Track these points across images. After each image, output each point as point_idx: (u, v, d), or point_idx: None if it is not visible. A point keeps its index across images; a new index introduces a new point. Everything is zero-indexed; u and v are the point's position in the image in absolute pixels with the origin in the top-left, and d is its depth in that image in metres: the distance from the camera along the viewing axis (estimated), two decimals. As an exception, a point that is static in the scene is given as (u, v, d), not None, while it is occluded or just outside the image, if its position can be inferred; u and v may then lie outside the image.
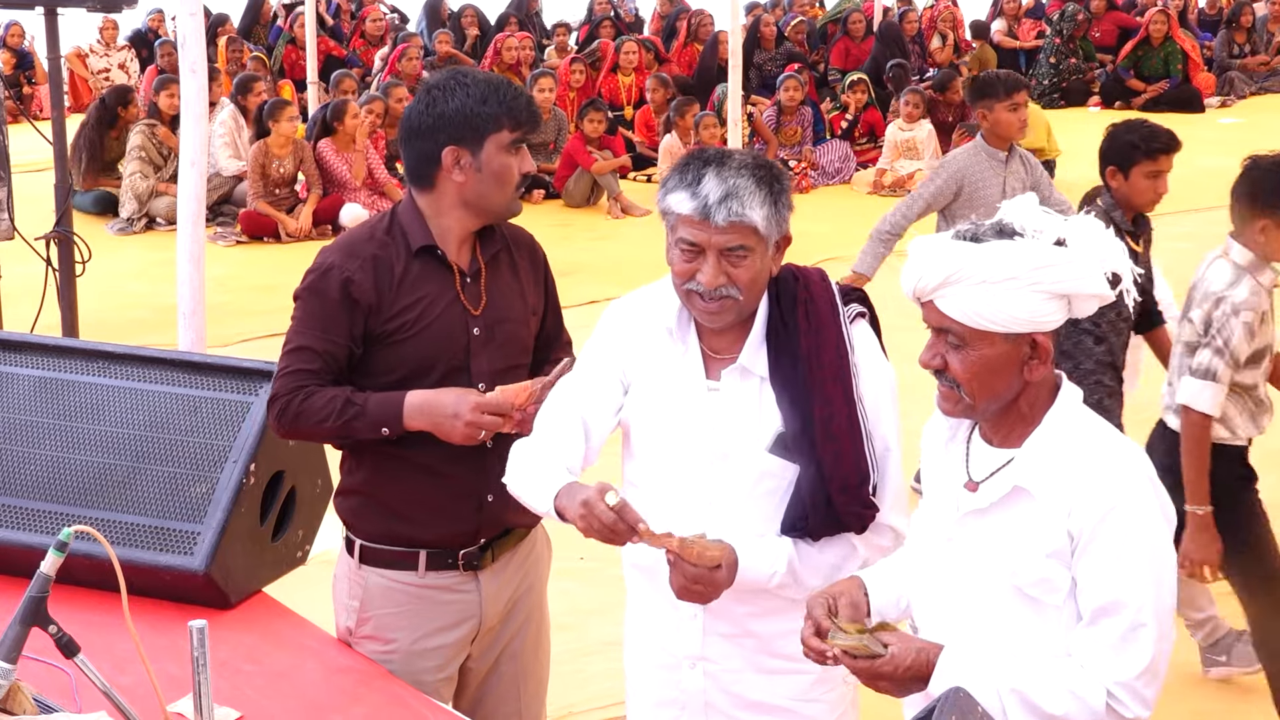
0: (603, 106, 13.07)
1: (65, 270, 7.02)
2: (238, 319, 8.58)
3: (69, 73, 16.49)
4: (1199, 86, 17.12)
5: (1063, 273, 2.39)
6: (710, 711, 2.95)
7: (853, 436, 2.78)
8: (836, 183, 13.55)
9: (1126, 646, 2.38)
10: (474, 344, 3.18)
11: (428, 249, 3.17)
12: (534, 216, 11.94)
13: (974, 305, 2.39)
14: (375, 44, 17.28)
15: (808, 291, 2.87)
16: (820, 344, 2.81)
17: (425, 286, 3.17)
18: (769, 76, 15.61)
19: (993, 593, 2.48)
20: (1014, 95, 6.02)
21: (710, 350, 2.89)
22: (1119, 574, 2.38)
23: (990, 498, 2.47)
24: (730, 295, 2.76)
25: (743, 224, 2.72)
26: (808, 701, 2.94)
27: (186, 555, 3.29)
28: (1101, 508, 2.38)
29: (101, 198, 11.98)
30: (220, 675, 2.91)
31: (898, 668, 2.42)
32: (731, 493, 2.83)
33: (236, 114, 12.33)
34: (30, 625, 2.54)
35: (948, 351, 2.45)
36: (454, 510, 3.22)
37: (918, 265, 2.45)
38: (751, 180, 2.73)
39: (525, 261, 3.33)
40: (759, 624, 2.89)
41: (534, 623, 3.44)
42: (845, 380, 2.80)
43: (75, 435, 3.46)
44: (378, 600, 3.29)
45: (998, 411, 2.49)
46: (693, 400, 2.86)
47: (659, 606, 2.92)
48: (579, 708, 4.62)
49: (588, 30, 18.18)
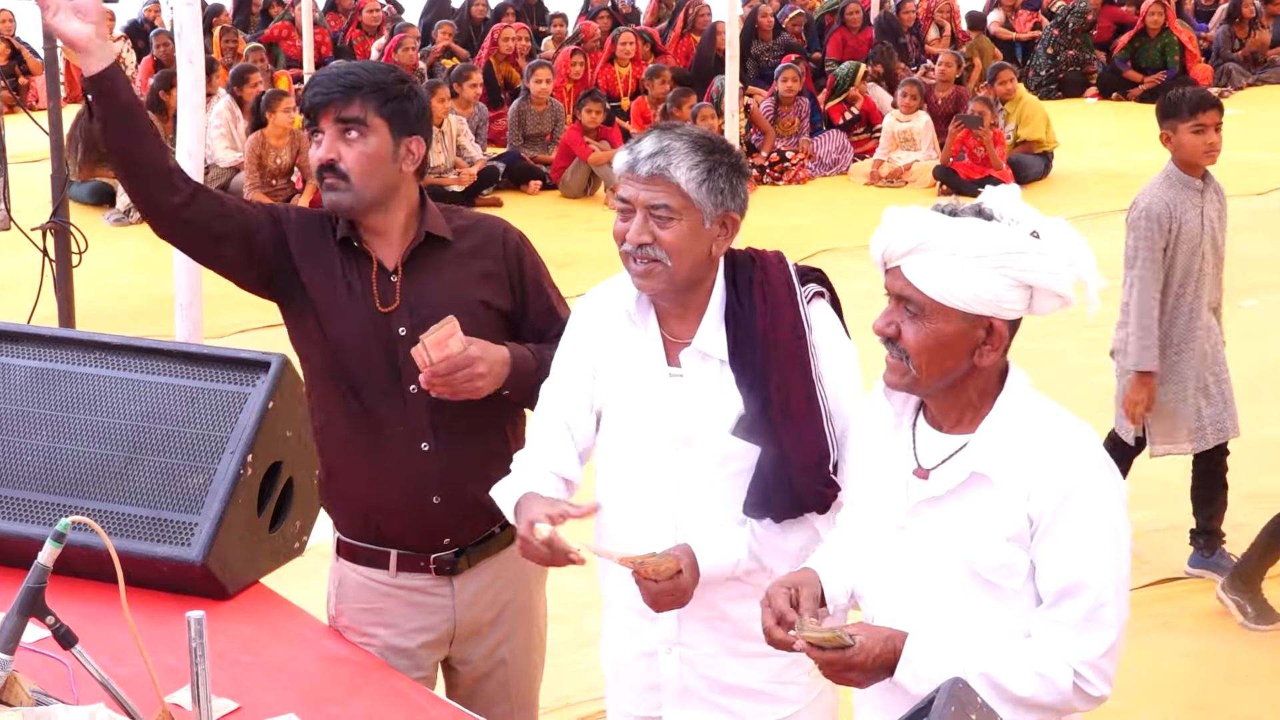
0: (600, 97, 13.06)
1: (62, 261, 7.00)
2: (234, 310, 8.51)
3: (64, 63, 16.45)
4: (1196, 77, 17.09)
5: (1032, 263, 2.39)
6: (687, 696, 2.96)
7: (811, 415, 2.79)
8: (834, 174, 13.54)
9: (1090, 627, 2.39)
10: (402, 344, 3.12)
11: (346, 240, 3.18)
12: (531, 207, 11.94)
13: (939, 276, 2.39)
14: (372, 35, 17.25)
15: (764, 273, 2.88)
16: (776, 324, 2.82)
17: (336, 269, 3.17)
18: (766, 67, 15.60)
19: (950, 579, 2.48)
20: (1198, 115, 5.38)
21: (670, 335, 2.90)
22: (1081, 555, 2.39)
23: (946, 484, 2.47)
24: (658, 258, 2.77)
25: (664, 179, 2.74)
26: (783, 684, 2.95)
27: (184, 546, 3.28)
28: (1061, 490, 2.39)
29: (98, 188, 11.96)
30: (218, 666, 2.90)
31: (868, 657, 2.41)
32: (697, 477, 2.85)
33: (232, 105, 12.30)
34: (28, 616, 2.54)
35: (904, 320, 2.45)
36: (404, 512, 3.22)
37: (889, 230, 2.46)
38: (687, 144, 2.77)
39: (476, 253, 3.23)
40: (733, 607, 2.89)
41: (522, 630, 3.41)
42: (803, 359, 2.80)
43: (72, 426, 3.45)
44: (351, 594, 3.32)
45: (944, 394, 2.49)
46: (655, 386, 2.87)
47: (635, 594, 2.92)
48: (576, 699, 4.63)
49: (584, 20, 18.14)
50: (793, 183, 13.13)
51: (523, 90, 13.65)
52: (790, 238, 10.05)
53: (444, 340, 2.97)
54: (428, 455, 3.16)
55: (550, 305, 3.29)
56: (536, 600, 3.47)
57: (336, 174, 3.07)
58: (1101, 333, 5.73)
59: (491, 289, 3.22)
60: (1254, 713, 4.64)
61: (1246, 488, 6.19)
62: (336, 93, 3.05)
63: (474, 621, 3.32)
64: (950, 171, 12.29)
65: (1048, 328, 7.23)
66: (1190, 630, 5.02)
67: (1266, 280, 9.33)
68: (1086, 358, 7.20)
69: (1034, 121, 13.13)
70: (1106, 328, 5.60)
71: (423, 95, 3.19)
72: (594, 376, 2.95)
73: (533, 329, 3.27)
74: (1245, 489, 6.17)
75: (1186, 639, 4.92)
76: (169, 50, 13.30)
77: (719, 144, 2.83)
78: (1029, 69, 17.72)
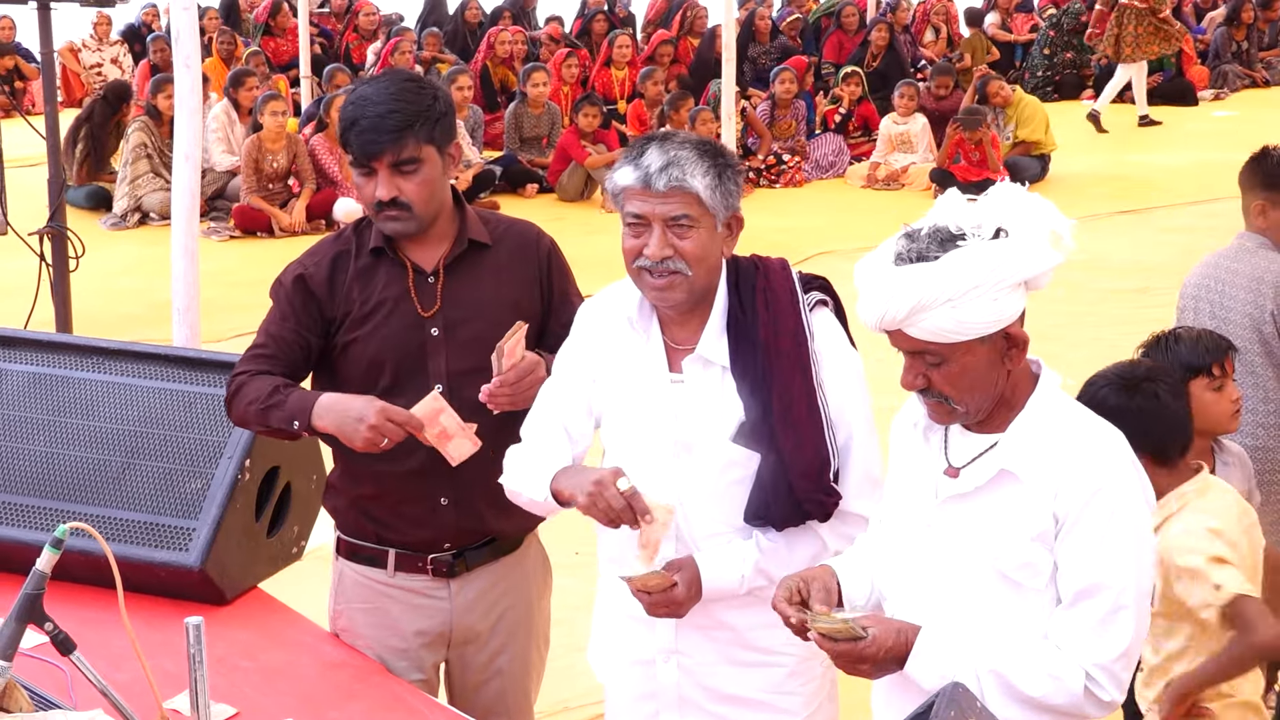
0: (597, 101, 13.07)
1: (59, 265, 7.02)
2: (232, 314, 8.56)
3: (61, 68, 16.46)
4: (1193, 79, 17.13)
5: (1017, 263, 2.39)
6: (685, 706, 2.95)
7: (812, 424, 2.78)
8: (830, 176, 13.54)
9: (1106, 629, 2.39)
10: (430, 345, 3.15)
11: (380, 249, 3.18)
12: (527, 211, 11.93)
13: (946, 325, 2.39)
14: (368, 38, 17.25)
15: (767, 280, 2.88)
16: (778, 331, 2.82)
17: (376, 285, 3.17)
18: (763, 70, 15.61)
19: (974, 577, 2.48)
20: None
21: (672, 341, 2.90)
22: (1102, 556, 2.39)
23: (975, 482, 2.47)
24: (678, 270, 2.77)
25: (684, 190, 2.74)
26: (783, 694, 2.94)
27: (182, 551, 3.28)
28: (1087, 490, 2.39)
29: (95, 193, 11.95)
30: (216, 671, 2.90)
31: (880, 649, 2.42)
32: (698, 484, 2.84)
33: (229, 108, 12.30)
34: (26, 623, 2.53)
35: (928, 370, 2.45)
36: (411, 512, 3.22)
37: (876, 299, 2.42)
38: (693, 152, 2.77)
39: (511, 258, 3.26)
40: (733, 616, 2.89)
41: (521, 641, 3.40)
42: (805, 367, 2.80)
43: (69, 431, 3.45)
44: (350, 593, 3.32)
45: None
46: (656, 392, 2.87)
47: (634, 602, 2.92)
48: (573, 703, 4.63)
49: (580, 24, 18.15)
50: (789, 185, 13.12)
51: (519, 93, 13.66)
52: (787, 240, 10.05)
53: (515, 348, 3.00)
54: (438, 455, 3.15)
55: (570, 310, 3.29)
56: (537, 613, 3.45)
57: (398, 206, 3.09)
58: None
59: (525, 294, 3.25)
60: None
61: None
62: (388, 138, 3.05)
63: (471, 628, 3.32)
64: (947, 174, 12.29)
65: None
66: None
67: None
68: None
69: (1034, 122, 13.12)
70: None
71: (446, 95, 3.20)
72: (594, 381, 2.95)
73: (554, 336, 3.28)
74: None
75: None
76: (166, 55, 13.28)
77: (717, 147, 2.84)
78: (1025, 71, 17.73)
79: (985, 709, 2.16)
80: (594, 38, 16.13)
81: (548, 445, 2.89)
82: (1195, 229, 10.84)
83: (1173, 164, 13.09)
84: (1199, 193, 11.88)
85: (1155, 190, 12.26)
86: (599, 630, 3.12)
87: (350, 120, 3.09)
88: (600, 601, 3.11)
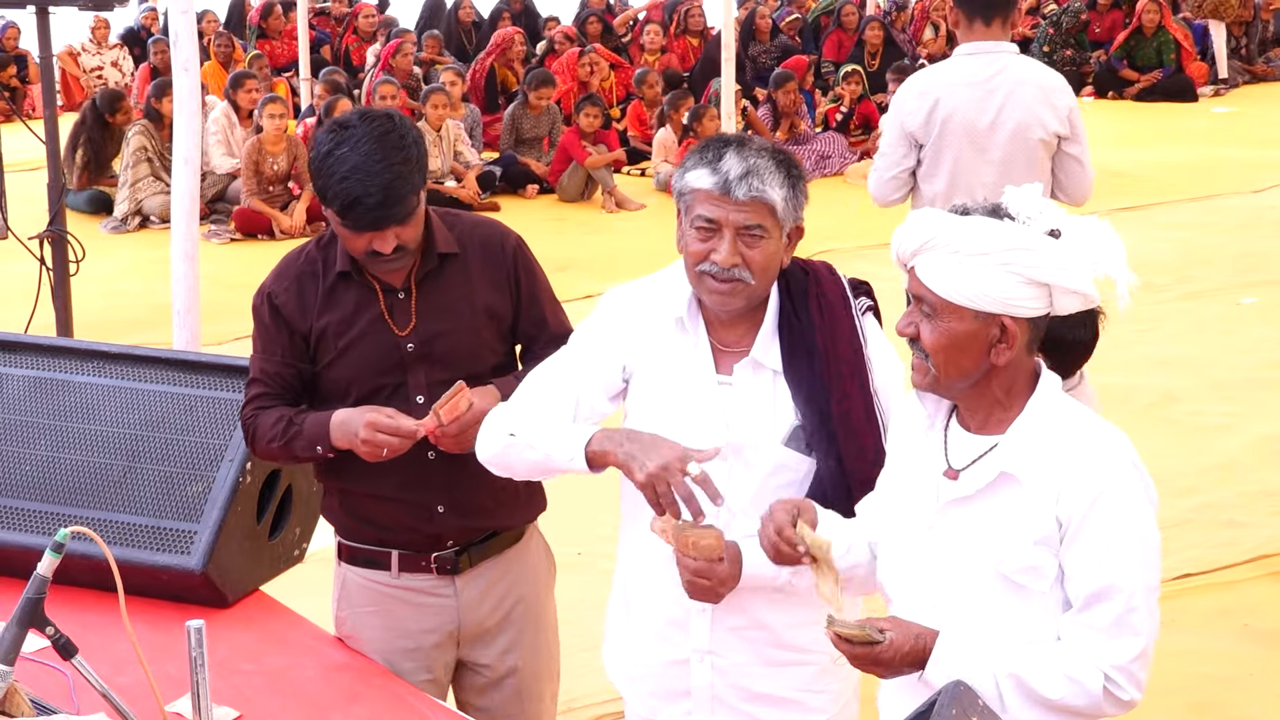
0: (599, 101, 13.07)
1: (59, 269, 7.02)
2: (232, 317, 8.54)
3: (61, 71, 16.46)
4: (1192, 76, 17.11)
5: (1039, 259, 2.38)
6: (717, 705, 2.95)
7: (871, 428, 2.80)
8: (831, 175, 13.52)
9: (1121, 631, 2.39)
10: (408, 360, 3.14)
11: (346, 273, 3.15)
12: (528, 211, 11.94)
13: (945, 275, 2.40)
14: (367, 40, 17.25)
15: (818, 285, 2.88)
16: (835, 338, 2.83)
17: (346, 307, 3.15)
18: (763, 69, 15.62)
19: (977, 580, 2.48)
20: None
21: (719, 344, 2.88)
22: (1111, 559, 2.38)
23: (975, 485, 2.47)
24: (742, 278, 2.76)
25: (762, 201, 2.73)
26: (813, 693, 2.94)
27: (183, 555, 3.28)
28: (1090, 493, 2.38)
29: (95, 197, 11.95)
30: (219, 675, 2.90)
31: (896, 654, 2.42)
32: (745, 487, 2.83)
33: (229, 111, 12.30)
34: (27, 627, 2.54)
35: (921, 320, 2.46)
36: (407, 519, 3.22)
37: (902, 229, 2.48)
38: (771, 161, 2.76)
39: (479, 264, 3.22)
40: (770, 615, 2.88)
41: (531, 634, 3.39)
42: (861, 373, 2.82)
43: (70, 435, 3.46)
44: (355, 597, 3.31)
45: (969, 394, 2.49)
46: (703, 394, 2.85)
47: (665, 601, 2.91)
48: (579, 702, 4.62)
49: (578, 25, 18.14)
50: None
51: (520, 94, 13.65)
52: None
53: (455, 405, 3.00)
54: (434, 464, 3.15)
55: (541, 314, 3.28)
56: (545, 606, 3.45)
57: (397, 252, 3.06)
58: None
59: (497, 298, 3.23)
60: (1254, 713, 4.63)
61: (1247, 485, 6.20)
62: (398, 210, 2.99)
63: (479, 623, 3.32)
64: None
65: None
66: (1190, 630, 5.01)
67: (1265, 277, 9.33)
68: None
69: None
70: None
71: (419, 138, 3.12)
72: (626, 374, 2.92)
73: (523, 334, 3.27)
74: (1246, 486, 6.18)
75: (1187, 639, 4.91)
76: (166, 58, 13.24)
77: (790, 157, 2.83)
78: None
79: (987, 708, 2.16)
80: (589, 39, 16.10)
81: (559, 409, 2.83)
82: (1196, 225, 10.85)
83: (1172, 160, 13.09)
84: (1199, 189, 11.89)
85: (1155, 187, 12.27)
86: (616, 630, 3.10)
87: (352, 198, 2.97)
88: (616, 601, 3.09)
